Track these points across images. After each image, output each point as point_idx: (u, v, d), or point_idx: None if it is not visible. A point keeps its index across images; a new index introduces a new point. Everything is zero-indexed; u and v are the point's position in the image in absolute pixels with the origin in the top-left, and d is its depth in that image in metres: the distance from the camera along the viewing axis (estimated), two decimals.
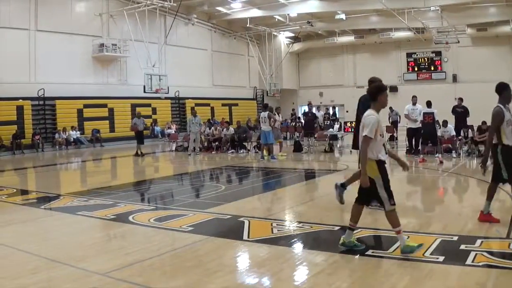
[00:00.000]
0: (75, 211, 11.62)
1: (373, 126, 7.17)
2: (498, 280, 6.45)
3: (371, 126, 7.22)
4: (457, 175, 17.75)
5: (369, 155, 7.52)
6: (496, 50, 45.74)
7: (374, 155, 7.57)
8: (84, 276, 6.91)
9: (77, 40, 35.45)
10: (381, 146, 7.51)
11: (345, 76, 54.02)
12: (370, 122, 7.28)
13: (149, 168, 24.83)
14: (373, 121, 7.26)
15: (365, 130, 7.40)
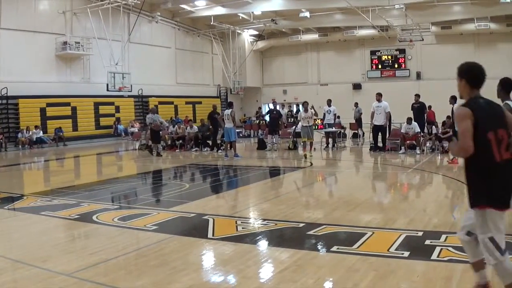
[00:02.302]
0: (39, 211, 11.53)
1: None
2: (463, 274, 6.55)
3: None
4: (421, 171, 17.93)
5: None
6: (460, 48, 46.11)
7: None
8: (49, 276, 6.89)
9: (40, 38, 35.03)
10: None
11: (309, 74, 54.14)
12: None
13: (113, 167, 24.68)
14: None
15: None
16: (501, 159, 5.06)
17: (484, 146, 5.02)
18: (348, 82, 50.79)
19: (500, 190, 5.05)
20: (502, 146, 5.08)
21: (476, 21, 43.20)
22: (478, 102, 5.26)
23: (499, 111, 5.34)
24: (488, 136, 5.04)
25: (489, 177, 5.06)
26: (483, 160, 5.05)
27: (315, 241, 8.55)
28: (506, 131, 5.18)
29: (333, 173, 19.01)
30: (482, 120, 5.06)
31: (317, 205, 12.41)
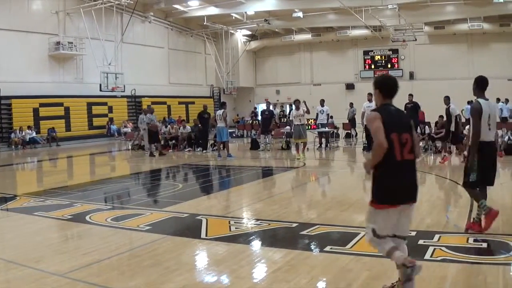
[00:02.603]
0: (32, 212, 11.54)
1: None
2: (456, 274, 6.60)
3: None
4: None
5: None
6: (453, 48, 46.32)
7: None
8: (42, 277, 6.89)
9: (33, 38, 34.95)
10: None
11: (302, 74, 54.15)
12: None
13: (106, 167, 24.67)
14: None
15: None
16: (402, 159, 5.74)
17: (388, 146, 5.65)
18: (341, 82, 50.78)
19: (396, 186, 5.75)
20: (405, 148, 5.76)
21: (469, 21, 43.30)
22: (388, 108, 5.97)
23: (405, 119, 6.06)
24: (391, 137, 5.67)
25: (389, 175, 5.77)
26: (386, 159, 5.68)
27: (308, 241, 8.57)
28: (411, 137, 5.84)
29: (326, 173, 19.03)
30: (387, 123, 5.72)
31: (310, 205, 12.43)
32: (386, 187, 5.80)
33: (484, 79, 9.00)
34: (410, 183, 5.94)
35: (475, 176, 8.65)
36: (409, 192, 5.90)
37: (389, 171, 5.77)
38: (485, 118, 8.65)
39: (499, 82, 40.20)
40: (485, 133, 8.66)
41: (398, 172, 5.77)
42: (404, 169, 5.82)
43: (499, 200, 11.53)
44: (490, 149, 8.80)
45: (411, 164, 5.92)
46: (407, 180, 5.89)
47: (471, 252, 7.61)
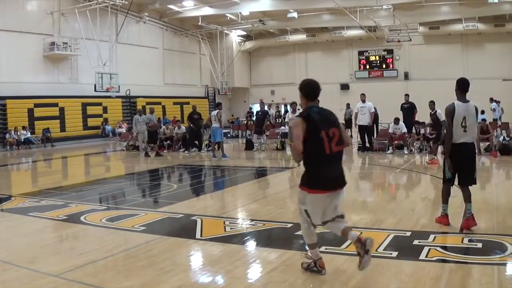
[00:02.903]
0: (26, 212, 11.53)
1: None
2: (451, 274, 6.60)
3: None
4: (409, 171, 17.98)
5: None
6: (448, 48, 46.47)
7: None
8: (37, 277, 6.89)
9: (28, 39, 34.88)
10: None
11: (296, 74, 54.08)
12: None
13: (100, 167, 24.64)
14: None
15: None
16: (331, 152, 6.55)
17: (318, 142, 6.47)
18: (336, 82, 50.78)
19: (326, 175, 6.55)
20: (333, 142, 6.57)
21: (464, 22, 43.37)
22: (312, 110, 6.73)
23: (330, 116, 6.84)
24: (321, 135, 6.49)
25: (320, 166, 6.57)
26: (316, 152, 6.52)
27: (303, 241, 8.54)
28: (337, 130, 6.67)
29: None
30: (316, 123, 6.53)
31: None
32: (316, 176, 6.60)
33: (464, 81, 9.16)
34: (338, 172, 6.76)
35: (450, 173, 9.06)
36: (336, 181, 6.69)
37: (319, 163, 6.58)
38: (458, 120, 8.84)
39: (494, 82, 40.48)
40: (458, 135, 8.88)
41: (327, 164, 6.58)
42: (332, 161, 6.65)
43: (493, 200, 11.58)
44: (462, 151, 8.97)
45: (339, 155, 6.76)
46: (335, 170, 6.72)
47: (466, 252, 7.62)
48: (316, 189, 6.58)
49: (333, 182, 6.65)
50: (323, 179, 6.58)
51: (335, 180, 6.69)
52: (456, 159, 8.94)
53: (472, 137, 8.98)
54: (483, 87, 33.99)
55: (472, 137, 8.96)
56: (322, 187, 6.57)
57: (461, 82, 9.13)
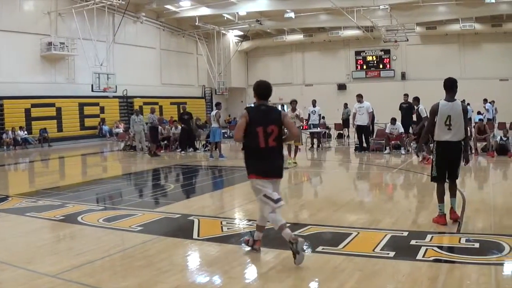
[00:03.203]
0: (23, 212, 11.51)
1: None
2: (448, 274, 6.60)
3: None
4: (406, 171, 17.99)
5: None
6: (445, 48, 46.57)
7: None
8: (34, 278, 6.88)
9: (25, 39, 34.86)
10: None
11: (293, 74, 54.20)
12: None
13: (98, 168, 24.63)
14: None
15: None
16: (266, 146, 7.49)
17: (254, 136, 7.49)
18: (333, 82, 50.90)
19: (261, 165, 7.51)
20: (270, 138, 7.51)
21: (461, 22, 43.47)
22: (259, 107, 7.80)
23: (273, 115, 7.72)
24: (256, 130, 7.47)
25: (255, 157, 7.59)
26: (252, 145, 7.56)
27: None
28: (277, 127, 7.57)
29: (318, 173, 19.05)
30: (255, 119, 7.54)
31: (302, 206, 12.44)
32: (252, 165, 7.65)
33: (450, 80, 9.39)
34: (273, 164, 7.63)
35: (435, 171, 9.30)
36: (271, 171, 7.62)
37: (254, 154, 7.62)
38: (442, 119, 9.07)
39: (491, 82, 40.53)
40: (442, 133, 9.11)
41: (261, 155, 7.54)
42: (267, 154, 7.56)
43: (491, 200, 11.58)
44: (446, 148, 9.16)
45: (274, 149, 7.63)
46: (269, 161, 7.59)
47: (463, 252, 7.62)
48: (254, 173, 7.58)
49: (267, 173, 7.58)
50: (257, 169, 7.57)
51: (269, 171, 7.61)
52: (440, 156, 9.21)
53: (458, 136, 9.05)
54: (480, 87, 34.09)
55: (457, 136, 9.05)
56: (259, 173, 7.55)
57: (447, 81, 9.35)
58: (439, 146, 9.19)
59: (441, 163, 9.20)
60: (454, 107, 9.05)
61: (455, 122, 8.97)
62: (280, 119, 7.74)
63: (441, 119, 9.04)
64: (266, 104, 7.90)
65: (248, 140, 7.61)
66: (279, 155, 7.79)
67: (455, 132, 9.00)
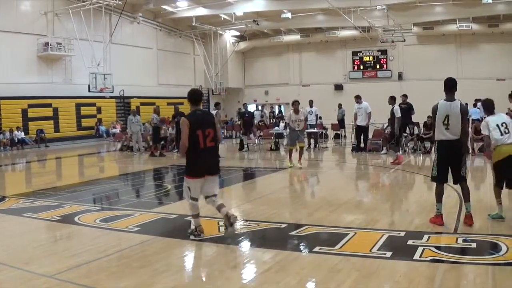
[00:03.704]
0: (20, 213, 11.52)
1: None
2: (445, 274, 6.62)
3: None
4: (403, 172, 17.99)
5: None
6: (442, 49, 46.56)
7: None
8: (31, 278, 6.89)
9: (22, 39, 34.80)
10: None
11: (290, 75, 54.20)
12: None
13: (94, 168, 24.60)
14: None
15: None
16: (205, 147, 8.77)
17: (195, 139, 8.66)
18: (330, 83, 50.86)
19: (202, 165, 8.81)
20: (207, 139, 8.79)
21: (458, 22, 43.46)
22: (195, 113, 9.01)
23: (209, 119, 9.13)
24: (197, 133, 8.68)
25: (195, 157, 8.79)
26: (193, 147, 8.68)
27: (297, 241, 8.58)
28: (213, 130, 8.88)
29: (315, 173, 19.03)
30: (194, 123, 8.74)
31: (299, 206, 12.44)
32: (194, 166, 8.86)
33: (450, 80, 9.48)
34: (211, 161, 9.00)
35: (436, 171, 9.30)
36: (209, 168, 8.96)
37: (195, 155, 8.78)
38: (440, 118, 9.15)
39: (488, 82, 40.52)
40: (441, 132, 9.18)
41: (201, 155, 8.77)
42: (206, 153, 8.81)
43: (487, 200, 11.57)
44: (445, 147, 9.21)
45: (212, 149, 8.98)
46: (208, 160, 8.91)
47: (460, 252, 7.65)
48: (192, 176, 8.89)
49: (206, 169, 8.89)
50: (198, 167, 8.83)
51: (208, 168, 8.92)
52: (440, 156, 9.26)
53: (456, 135, 9.05)
54: (477, 87, 34.06)
55: (456, 134, 9.04)
56: (197, 175, 8.86)
57: (448, 81, 9.45)
58: (439, 145, 9.29)
59: (442, 163, 9.22)
60: (452, 106, 9.10)
61: (453, 121, 9.02)
62: (214, 122, 9.14)
63: (439, 119, 9.11)
64: (200, 109, 9.25)
65: (190, 142, 8.70)
66: (216, 154, 9.27)
67: (453, 130, 9.04)
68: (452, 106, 9.10)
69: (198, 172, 8.85)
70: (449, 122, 9.01)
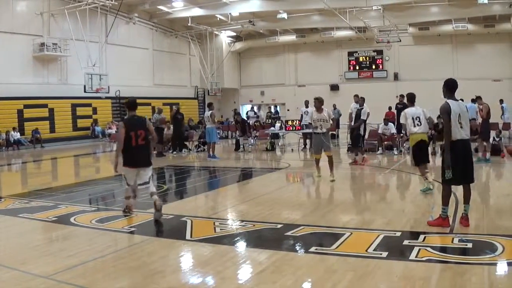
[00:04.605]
0: (16, 213, 11.53)
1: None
2: (441, 274, 6.62)
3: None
4: (399, 172, 18.01)
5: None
6: (437, 49, 46.65)
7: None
8: (27, 279, 6.87)
9: (17, 40, 34.81)
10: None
11: (286, 75, 54.23)
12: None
13: (90, 168, 24.61)
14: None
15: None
16: (137, 144, 10.58)
17: (129, 138, 10.52)
18: (326, 83, 50.80)
19: (131, 159, 10.64)
20: (139, 138, 10.62)
21: (453, 22, 43.52)
22: (132, 118, 10.98)
23: (140, 121, 10.99)
24: (130, 134, 10.50)
25: (129, 152, 10.61)
26: (127, 145, 10.55)
27: (293, 242, 8.58)
28: (144, 131, 10.74)
29: (310, 174, 19.00)
30: (129, 126, 10.64)
31: (295, 206, 12.41)
32: (127, 158, 10.67)
33: (452, 81, 9.42)
34: (141, 157, 10.78)
35: (450, 173, 8.95)
36: (140, 162, 10.76)
37: (128, 151, 10.61)
38: (455, 118, 8.98)
39: (484, 83, 40.57)
40: (456, 132, 9.00)
41: (132, 152, 10.61)
42: (137, 150, 10.66)
43: (483, 200, 11.60)
44: (462, 147, 9.05)
45: (143, 147, 10.77)
46: (138, 156, 10.72)
47: (456, 252, 7.66)
48: (127, 165, 10.71)
49: (137, 163, 10.72)
50: (131, 160, 10.65)
51: (139, 161, 10.73)
52: (457, 156, 8.99)
53: (467, 134, 9.06)
54: (473, 88, 34.08)
55: (467, 134, 9.05)
56: (130, 165, 10.68)
57: (450, 82, 9.36)
58: (455, 145, 9.01)
59: (458, 163, 8.98)
60: (460, 105, 9.14)
61: (464, 120, 9.01)
62: (146, 125, 11.01)
63: (454, 119, 8.96)
64: (135, 115, 11.10)
65: (125, 141, 10.58)
66: (146, 151, 11.01)
67: (465, 129, 9.03)
68: (460, 104, 9.14)
69: (130, 163, 10.69)
70: (461, 121, 8.96)
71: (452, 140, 9.00)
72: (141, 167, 10.79)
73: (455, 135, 8.99)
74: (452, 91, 9.27)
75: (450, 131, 9.00)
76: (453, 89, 9.28)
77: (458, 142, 8.99)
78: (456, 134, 8.99)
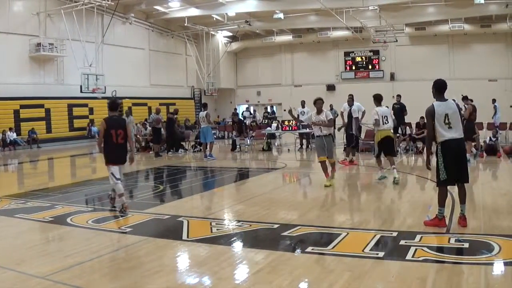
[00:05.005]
0: (12, 214, 11.50)
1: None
2: (438, 274, 6.62)
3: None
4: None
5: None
6: (434, 49, 46.76)
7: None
8: (24, 279, 6.86)
9: (13, 40, 34.80)
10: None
11: (283, 75, 54.28)
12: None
13: (87, 169, 24.59)
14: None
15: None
16: (117, 143, 11.40)
17: (110, 136, 11.33)
18: (322, 83, 50.84)
19: (113, 155, 11.51)
20: (119, 137, 11.42)
21: (450, 22, 43.65)
22: (112, 117, 11.74)
23: (120, 121, 11.87)
24: (111, 132, 11.33)
25: (110, 150, 11.48)
26: (109, 142, 11.39)
27: (289, 242, 8.57)
28: (122, 130, 11.51)
29: (307, 174, 19.03)
30: (109, 125, 11.41)
31: (292, 206, 12.41)
32: (108, 155, 11.52)
33: (441, 82, 9.39)
34: (120, 154, 11.59)
35: (445, 174, 8.98)
36: (119, 159, 11.60)
37: (110, 149, 11.45)
38: (440, 119, 9.01)
39: (480, 82, 40.64)
40: (444, 132, 9.00)
41: (113, 149, 11.44)
42: (117, 148, 11.47)
43: (480, 200, 11.60)
44: (452, 147, 9.02)
45: (122, 145, 11.58)
46: (118, 154, 11.56)
47: (452, 252, 7.66)
48: (111, 163, 11.52)
49: (116, 159, 11.54)
50: (111, 157, 11.50)
51: (118, 158, 11.57)
52: (448, 156, 8.97)
53: (460, 133, 9.02)
54: (469, 88, 34.10)
55: (459, 133, 9.01)
56: (113, 162, 11.52)
57: (439, 83, 9.37)
58: (444, 146, 9.00)
59: (450, 163, 8.97)
60: (448, 105, 9.06)
61: (453, 119, 8.95)
62: (125, 125, 11.76)
63: (439, 119, 8.95)
64: (116, 115, 11.97)
65: (105, 139, 11.41)
66: (125, 149, 11.74)
67: (456, 129, 8.97)
68: (448, 104, 9.07)
69: (113, 160, 11.51)
70: (449, 120, 8.93)
71: (441, 141, 9.03)
72: (121, 164, 11.75)
73: (442, 136, 9.00)
74: (441, 92, 9.26)
75: (431, 134, 9.14)
76: (442, 90, 9.27)
77: (448, 142, 8.98)
78: (444, 135, 8.98)
